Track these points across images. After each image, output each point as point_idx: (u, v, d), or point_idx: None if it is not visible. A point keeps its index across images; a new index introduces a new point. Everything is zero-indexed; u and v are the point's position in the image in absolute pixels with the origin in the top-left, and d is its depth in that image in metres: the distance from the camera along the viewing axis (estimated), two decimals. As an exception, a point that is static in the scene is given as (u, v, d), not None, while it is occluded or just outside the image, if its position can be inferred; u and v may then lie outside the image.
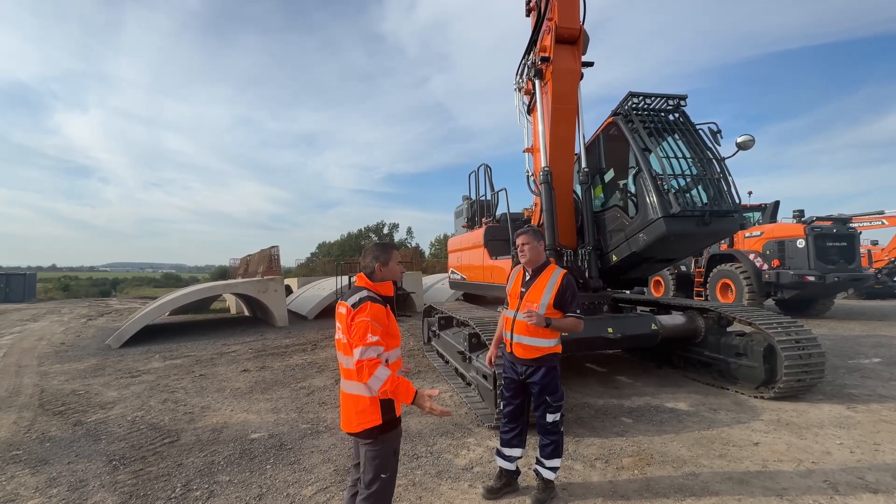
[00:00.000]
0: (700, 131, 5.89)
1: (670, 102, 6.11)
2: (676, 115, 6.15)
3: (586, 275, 6.30)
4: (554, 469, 3.20)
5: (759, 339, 5.41)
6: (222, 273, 41.82)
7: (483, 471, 3.64)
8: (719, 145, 5.83)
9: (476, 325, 5.28)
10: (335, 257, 41.66)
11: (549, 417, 3.18)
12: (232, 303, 22.39)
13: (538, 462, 3.25)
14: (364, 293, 2.43)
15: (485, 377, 4.88)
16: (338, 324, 2.48)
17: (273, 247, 14.54)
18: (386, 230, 61.03)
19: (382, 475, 2.37)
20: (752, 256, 12.94)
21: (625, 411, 4.97)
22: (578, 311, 3.16)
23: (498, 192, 6.82)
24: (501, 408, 3.43)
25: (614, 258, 6.20)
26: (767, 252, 12.77)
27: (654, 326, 5.89)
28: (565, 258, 6.22)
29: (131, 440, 4.70)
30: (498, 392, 3.99)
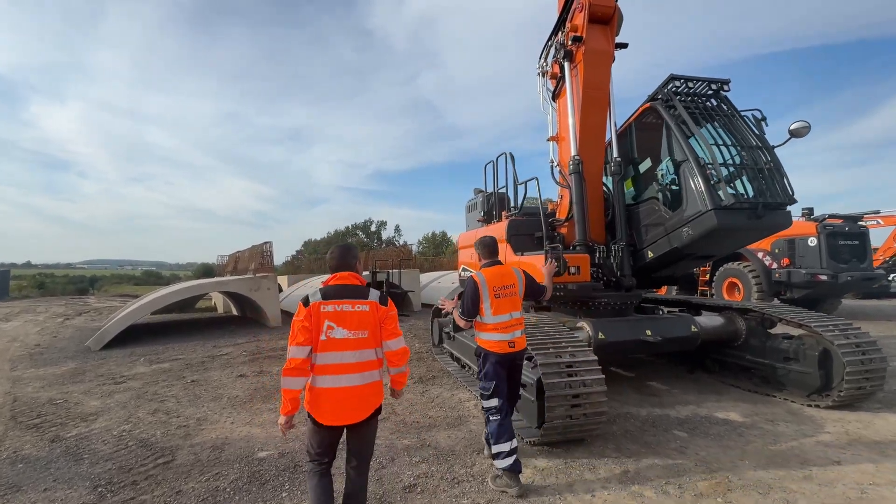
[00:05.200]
0: (745, 118, 5.48)
1: (712, 86, 5.68)
2: (716, 100, 5.72)
3: (618, 273, 5.84)
4: (493, 455, 3.38)
5: (811, 342, 5.01)
6: (206, 271, 40.64)
7: (541, 500, 3.13)
8: (763, 134, 5.43)
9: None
10: (322, 255, 40.77)
11: (482, 402, 3.58)
12: (219, 301, 21.51)
13: None
14: (377, 291, 2.63)
15: (522, 385, 4.37)
16: (329, 322, 2.48)
17: (266, 243, 13.83)
18: (374, 228, 60.24)
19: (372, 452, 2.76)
20: (760, 255, 12.69)
21: (674, 423, 4.52)
22: (459, 310, 3.60)
23: (526, 182, 6.32)
24: None
25: (650, 255, 5.75)
26: (776, 250, 12.52)
27: (694, 328, 5.47)
28: (598, 254, 5.75)
29: (119, 460, 4.08)
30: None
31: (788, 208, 5.04)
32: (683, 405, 5.04)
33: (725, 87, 5.71)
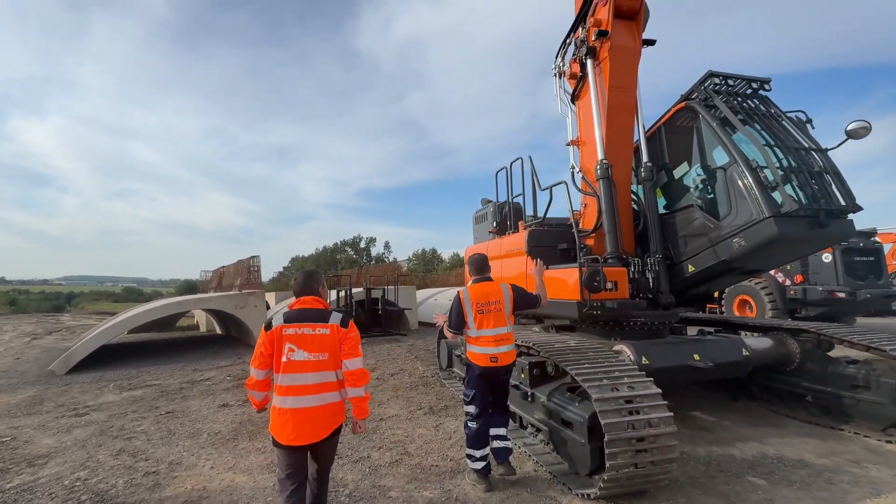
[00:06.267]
0: (790, 120, 4.96)
1: (753, 85, 5.18)
2: (755, 101, 5.21)
3: (655, 289, 5.19)
4: (466, 455, 3.67)
5: (883, 368, 4.41)
6: (189, 287, 39.35)
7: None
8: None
9: (547, 351, 4.04)
10: (311, 271, 39.71)
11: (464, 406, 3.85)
12: (201, 319, 20.41)
13: None
14: (339, 314, 2.72)
15: (565, 423, 3.65)
16: (290, 344, 2.57)
17: (253, 257, 12.97)
18: (363, 244, 59.49)
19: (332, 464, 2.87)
20: (772, 271, 12.23)
21: (744, 466, 3.82)
22: (447, 323, 3.89)
23: (552, 188, 5.68)
24: None
25: (691, 269, 5.14)
26: (789, 267, 12.07)
27: (745, 352, 4.83)
28: (633, 269, 5.11)
29: (65, 523, 3.24)
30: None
31: (850, 216, 4.49)
32: (743, 442, 4.35)
33: (767, 87, 5.21)
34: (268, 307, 18.77)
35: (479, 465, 3.55)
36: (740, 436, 4.53)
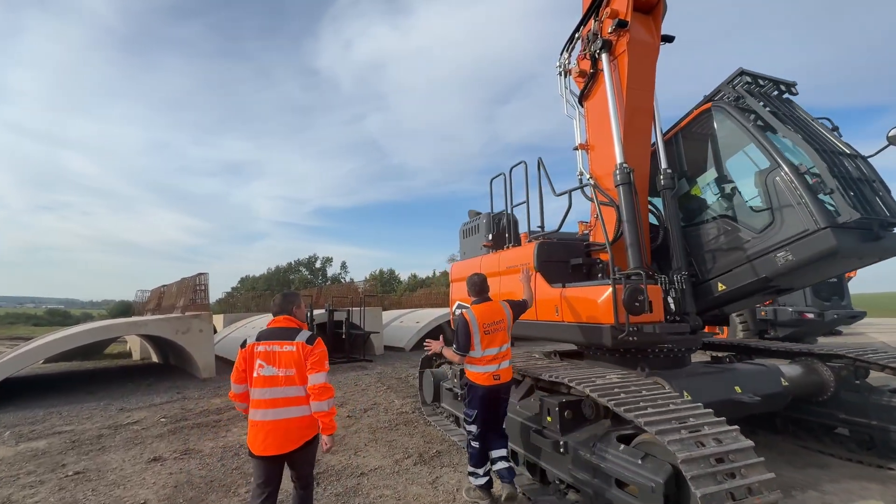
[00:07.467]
0: (821, 124, 4.61)
1: (781, 87, 4.83)
2: (781, 104, 4.85)
3: (681, 310, 4.58)
4: (469, 473, 3.72)
5: (937, 398, 3.97)
6: (124, 309, 35.92)
7: None
8: None
9: (592, 389, 3.24)
10: (260, 292, 37.47)
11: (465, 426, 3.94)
12: (135, 345, 18.11)
13: None
14: (307, 332, 2.88)
15: (619, 484, 2.85)
16: (261, 361, 2.73)
17: (200, 274, 11.46)
18: (318, 264, 57.35)
19: (313, 470, 3.01)
20: (742, 292, 12.25)
21: (820, 526, 3.17)
22: (454, 346, 3.77)
23: (571, 192, 5.00)
24: None
25: (721, 287, 4.58)
26: (758, 287, 12.15)
27: (784, 382, 4.29)
28: (663, 287, 4.48)
29: None
30: None
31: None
32: (801, 490, 3.72)
33: (794, 90, 4.88)
34: (215, 331, 16.93)
35: (483, 480, 3.63)
36: (790, 481, 3.90)
